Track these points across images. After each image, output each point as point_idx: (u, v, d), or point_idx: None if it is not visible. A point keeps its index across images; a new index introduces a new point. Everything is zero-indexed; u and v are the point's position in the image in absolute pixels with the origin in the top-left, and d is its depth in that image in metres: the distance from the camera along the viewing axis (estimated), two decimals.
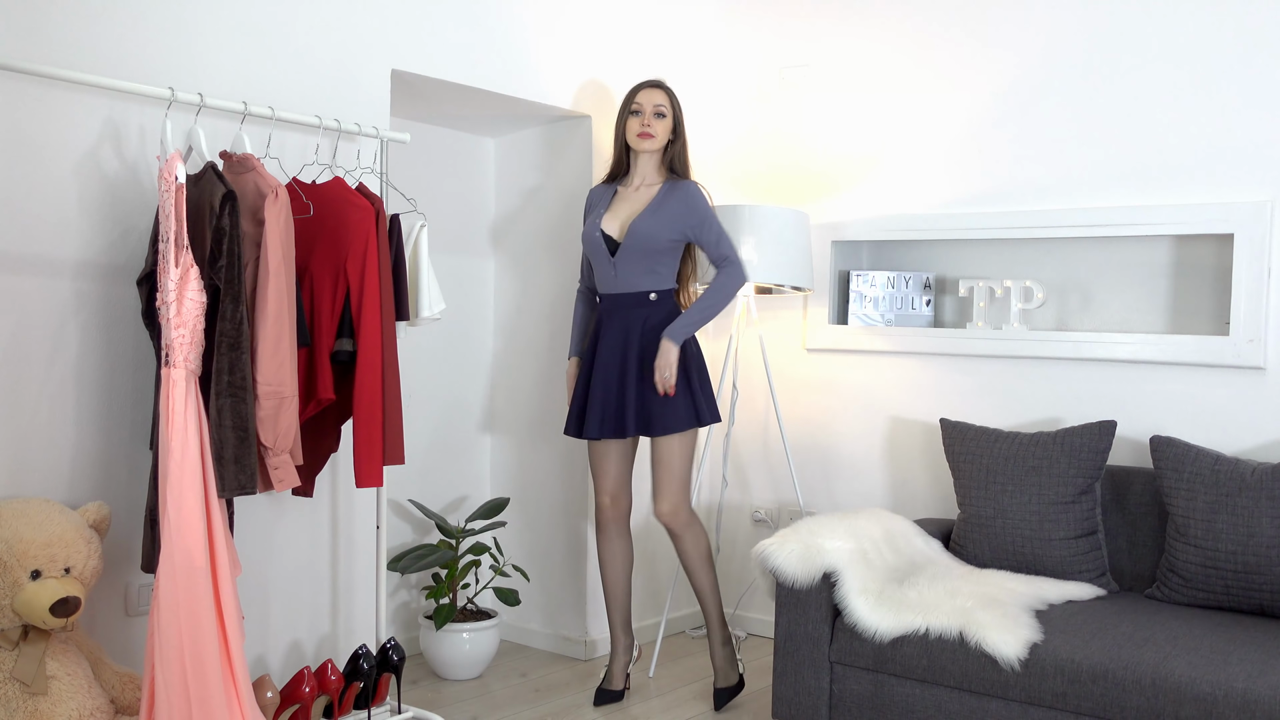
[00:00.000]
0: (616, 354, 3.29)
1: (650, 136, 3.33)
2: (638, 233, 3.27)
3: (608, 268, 3.32)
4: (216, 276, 2.45)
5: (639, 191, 3.38)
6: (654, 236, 3.27)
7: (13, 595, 2.27)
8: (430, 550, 3.62)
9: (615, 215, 3.35)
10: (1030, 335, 3.55)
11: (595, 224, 3.34)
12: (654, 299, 3.32)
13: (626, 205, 3.35)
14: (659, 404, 3.25)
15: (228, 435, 2.43)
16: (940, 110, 3.80)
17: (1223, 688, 2.38)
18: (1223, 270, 3.31)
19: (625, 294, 3.31)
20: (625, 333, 3.29)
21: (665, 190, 3.34)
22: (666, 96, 3.37)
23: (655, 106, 3.34)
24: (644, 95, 3.37)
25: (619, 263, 3.30)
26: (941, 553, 3.25)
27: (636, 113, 3.35)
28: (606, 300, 3.35)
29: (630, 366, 3.27)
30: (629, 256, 3.29)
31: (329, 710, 2.85)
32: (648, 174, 3.40)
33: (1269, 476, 2.87)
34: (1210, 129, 3.29)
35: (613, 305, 3.33)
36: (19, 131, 2.49)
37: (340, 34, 3.12)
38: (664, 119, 3.35)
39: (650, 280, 3.32)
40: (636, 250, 3.28)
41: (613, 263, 3.31)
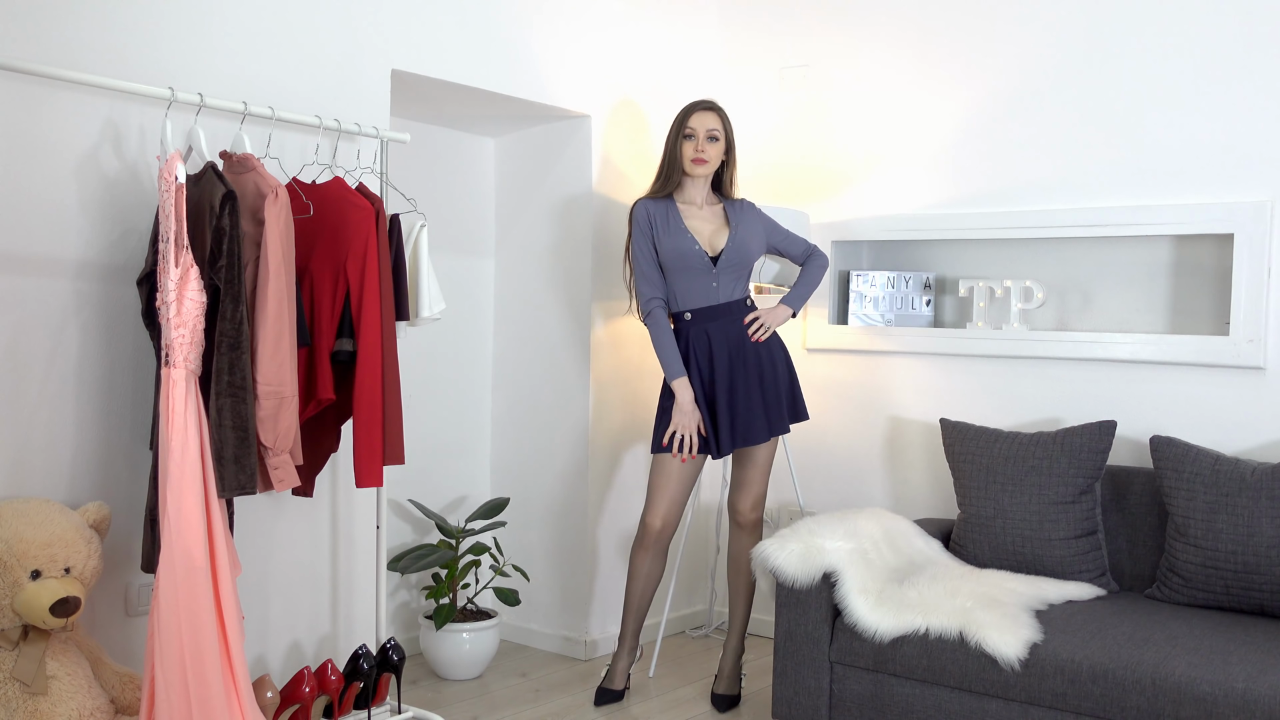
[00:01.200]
0: (734, 361, 3.33)
1: (704, 162, 3.35)
2: (742, 247, 3.35)
3: (707, 281, 3.34)
4: (216, 276, 2.45)
5: (704, 210, 3.42)
6: (752, 250, 3.38)
7: (13, 595, 2.27)
8: (430, 550, 3.62)
9: (697, 231, 3.38)
10: (1030, 335, 3.55)
11: (688, 238, 3.35)
12: (749, 304, 3.40)
13: (702, 222, 3.40)
14: (776, 405, 3.35)
15: (228, 435, 2.43)
16: (940, 110, 3.80)
17: (1223, 688, 2.38)
18: (1223, 270, 3.30)
19: (727, 304, 3.35)
20: (738, 340, 3.34)
21: (733, 208, 3.44)
22: (719, 120, 3.37)
23: (709, 131, 3.35)
24: (697, 119, 3.35)
25: (721, 275, 3.34)
26: (941, 553, 3.25)
27: (690, 137, 3.35)
28: (702, 313, 3.35)
29: (751, 371, 3.33)
30: (731, 269, 3.35)
31: (329, 710, 2.85)
32: (705, 193, 3.44)
33: (1269, 476, 2.87)
34: (1210, 129, 3.29)
35: (712, 315, 3.35)
36: (19, 131, 2.49)
37: (340, 34, 3.12)
38: (717, 143, 3.37)
39: (743, 288, 3.41)
40: (739, 263, 3.36)
41: (714, 274, 3.33)
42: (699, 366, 3.34)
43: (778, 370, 3.38)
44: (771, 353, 3.38)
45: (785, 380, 3.40)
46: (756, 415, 3.31)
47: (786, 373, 3.41)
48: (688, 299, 3.35)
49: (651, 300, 3.37)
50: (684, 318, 3.38)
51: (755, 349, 3.34)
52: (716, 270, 3.33)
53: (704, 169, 3.36)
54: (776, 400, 3.36)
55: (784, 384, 3.39)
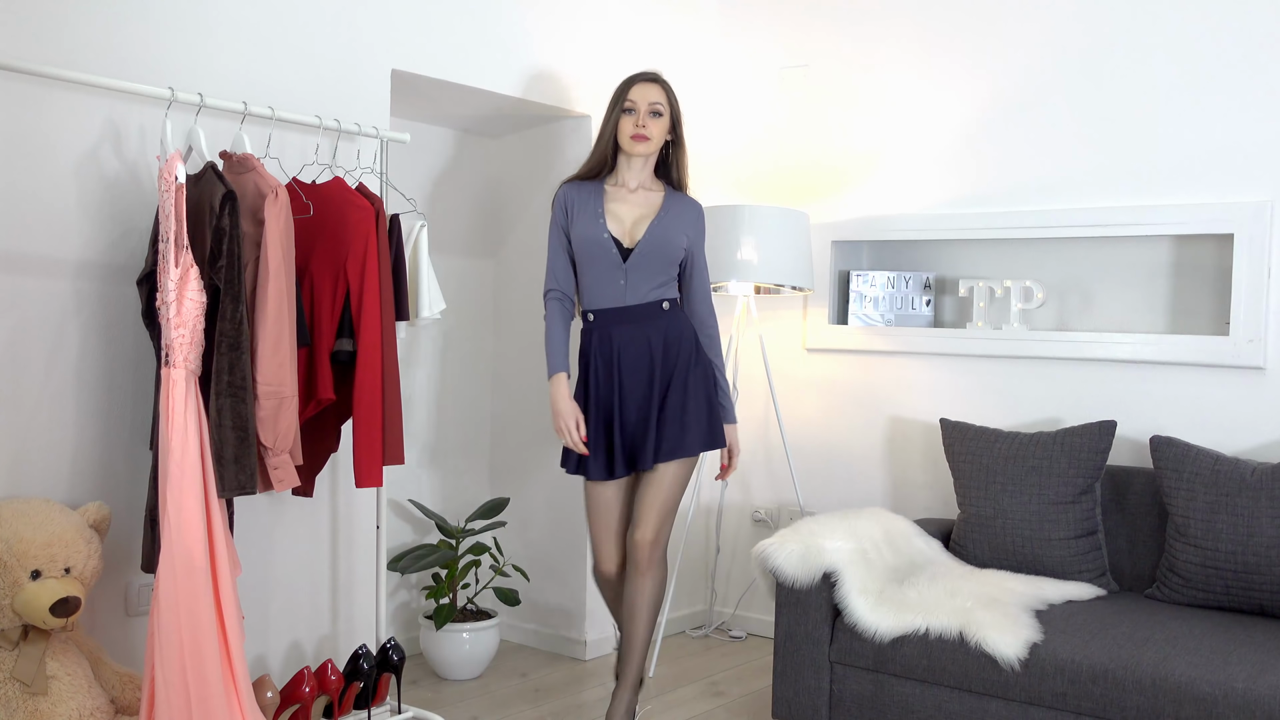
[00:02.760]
0: (642, 376, 2.92)
1: (645, 139, 2.92)
2: (657, 238, 2.90)
3: (614, 276, 2.90)
4: (216, 276, 2.45)
5: (638, 194, 2.98)
6: (673, 243, 2.92)
7: (13, 595, 2.27)
8: (430, 550, 3.62)
9: (616, 218, 2.94)
10: (1030, 335, 3.55)
11: (599, 225, 2.91)
12: (667, 308, 2.95)
13: (629, 208, 2.96)
14: (675, 426, 2.91)
15: (228, 435, 2.43)
16: (940, 110, 3.80)
17: (1223, 688, 2.38)
18: (1223, 270, 3.30)
19: (637, 306, 2.92)
20: (646, 351, 2.92)
21: (671, 198, 3.00)
22: (664, 92, 2.95)
23: (651, 105, 2.93)
24: (638, 91, 2.94)
25: (631, 270, 2.90)
26: (941, 553, 3.25)
27: (630, 111, 2.93)
28: (609, 315, 2.93)
29: (656, 389, 2.92)
30: (644, 264, 2.90)
31: (329, 710, 2.85)
32: (644, 178, 3.01)
33: (1269, 476, 2.87)
34: (1210, 129, 3.29)
35: (619, 319, 2.92)
36: (19, 131, 2.49)
37: (340, 34, 3.12)
38: (660, 118, 2.94)
39: (663, 290, 2.95)
40: (655, 257, 2.91)
41: (624, 270, 2.89)
42: (597, 376, 2.94)
43: (688, 388, 2.94)
44: (686, 369, 2.95)
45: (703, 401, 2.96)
46: (648, 438, 2.90)
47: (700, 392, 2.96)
48: (593, 296, 2.94)
49: (550, 291, 3.00)
50: (587, 318, 2.97)
51: (667, 363, 2.92)
52: (626, 266, 2.89)
53: (645, 147, 2.92)
54: (680, 422, 2.91)
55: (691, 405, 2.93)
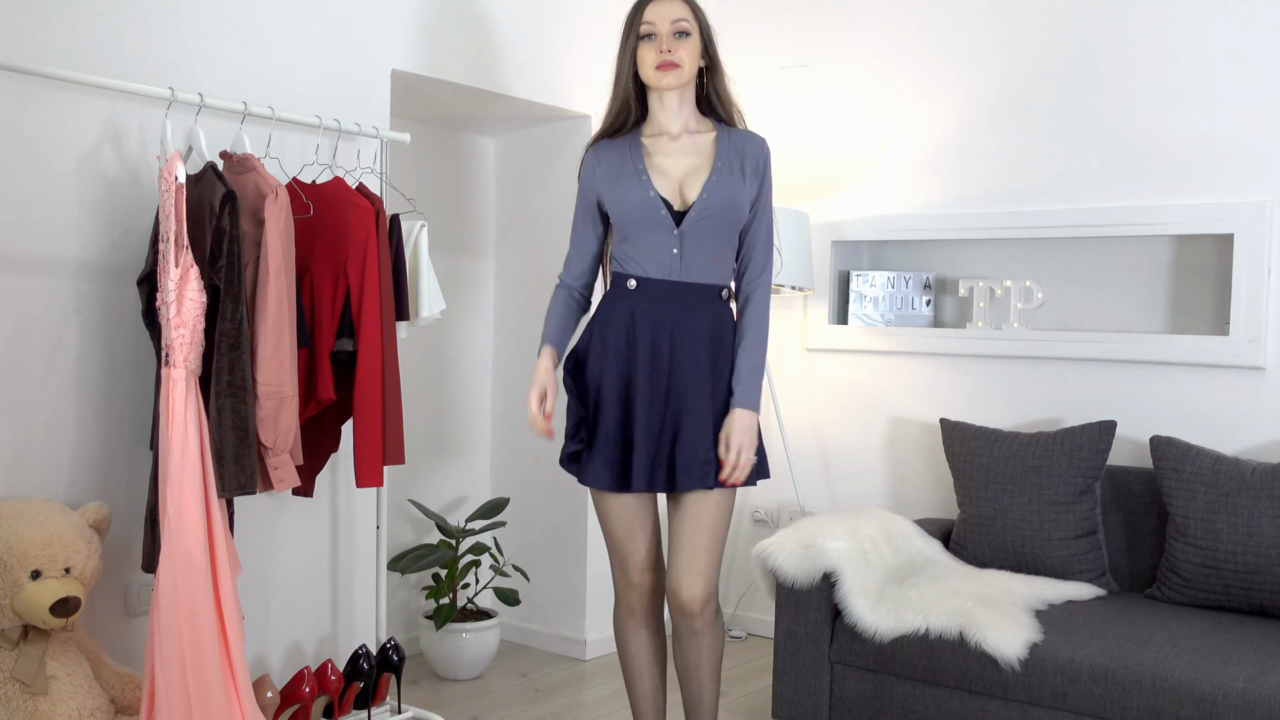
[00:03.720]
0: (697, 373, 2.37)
1: (674, 66, 2.34)
2: (717, 197, 2.33)
3: (666, 244, 2.34)
4: (216, 276, 2.45)
5: (684, 141, 2.41)
6: (736, 202, 2.35)
7: (13, 595, 2.27)
8: (430, 550, 3.62)
9: (662, 174, 2.38)
10: (1030, 335, 3.55)
11: (643, 182, 2.35)
12: (724, 296, 2.42)
13: (675, 160, 2.39)
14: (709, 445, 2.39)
15: (228, 435, 2.43)
16: (940, 110, 3.80)
17: (1223, 688, 2.38)
18: (1223, 270, 3.30)
19: (691, 285, 2.36)
20: (705, 343, 2.37)
21: (726, 138, 2.42)
22: (687, 7, 2.38)
23: (674, 23, 2.35)
24: (655, 10, 2.36)
25: (686, 238, 2.34)
26: (941, 553, 3.25)
27: (649, 36, 2.36)
28: (660, 288, 2.36)
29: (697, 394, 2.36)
30: (701, 230, 2.34)
31: (329, 710, 2.85)
32: (686, 117, 2.43)
33: (1269, 476, 2.87)
34: (1210, 129, 3.29)
35: (672, 296, 2.35)
36: (19, 131, 2.49)
37: (340, 34, 3.12)
38: (688, 39, 2.36)
39: (720, 268, 2.39)
40: (714, 221, 2.34)
41: (677, 237, 2.34)
42: (626, 356, 2.36)
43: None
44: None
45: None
46: (700, 451, 2.35)
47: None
48: (640, 262, 2.37)
49: (560, 285, 2.55)
50: (625, 283, 2.39)
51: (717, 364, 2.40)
52: (681, 230, 2.34)
53: (675, 76, 2.35)
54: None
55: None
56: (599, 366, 2.40)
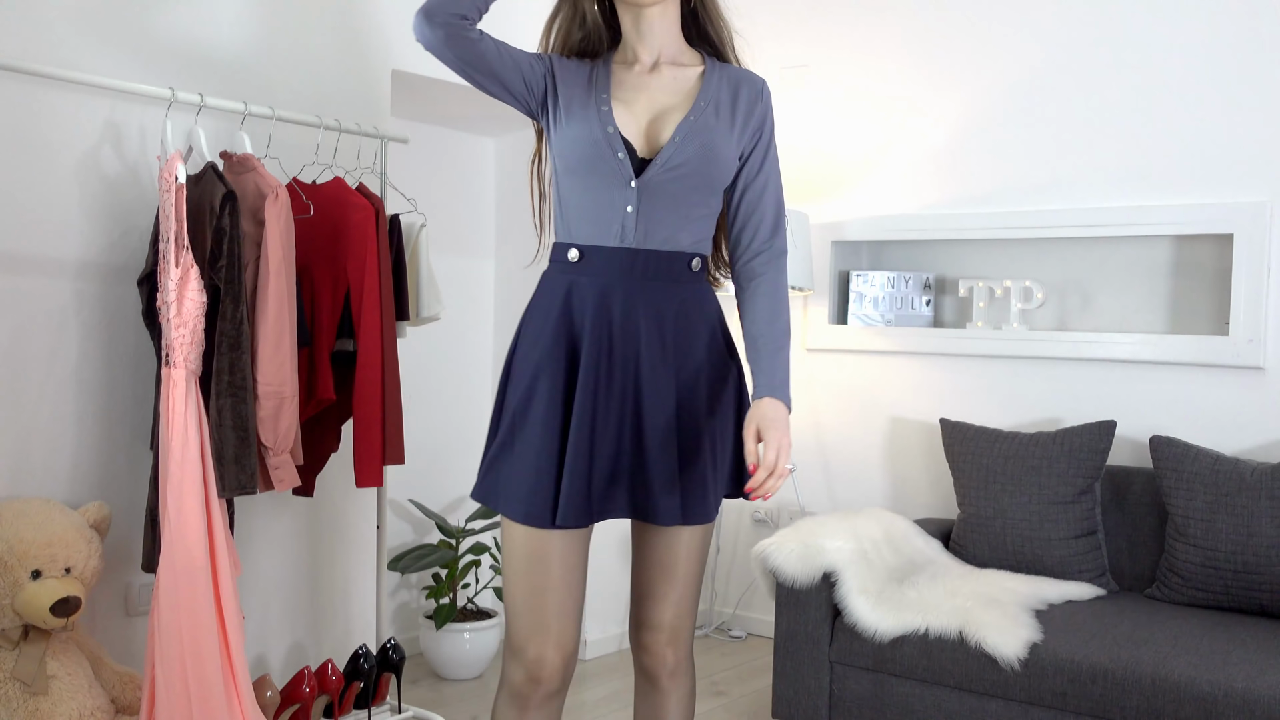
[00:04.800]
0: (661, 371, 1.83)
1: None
2: (696, 141, 1.82)
3: (618, 200, 1.81)
4: (217, 276, 2.45)
5: (662, 74, 1.89)
6: (718, 154, 1.84)
7: (13, 595, 2.27)
8: (430, 550, 3.62)
9: (627, 108, 1.85)
10: (1030, 335, 3.55)
11: (601, 115, 1.83)
12: (696, 268, 1.88)
13: (648, 96, 1.87)
14: (699, 469, 1.84)
15: (228, 435, 2.43)
16: (940, 110, 3.80)
17: (1223, 688, 2.38)
18: (1222, 270, 3.31)
19: (650, 254, 1.83)
20: (657, 331, 1.83)
21: (716, 74, 1.91)
22: None
23: None
24: None
25: (645, 194, 1.81)
26: (941, 553, 3.25)
27: None
28: (607, 258, 1.82)
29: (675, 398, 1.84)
30: (669, 185, 1.81)
31: (329, 710, 2.85)
32: (667, 44, 1.91)
33: (1269, 476, 2.87)
34: (1210, 129, 3.29)
35: (625, 270, 1.82)
36: (19, 131, 2.49)
37: (340, 34, 3.12)
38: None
39: (690, 234, 1.86)
40: (688, 173, 1.81)
41: (633, 192, 1.81)
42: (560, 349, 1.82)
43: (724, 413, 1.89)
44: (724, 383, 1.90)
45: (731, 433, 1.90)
46: (666, 477, 1.81)
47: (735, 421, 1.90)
48: (583, 225, 1.83)
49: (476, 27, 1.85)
50: (566, 255, 1.85)
51: (699, 361, 1.86)
52: (641, 183, 1.80)
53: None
54: (702, 465, 1.84)
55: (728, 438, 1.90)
56: (529, 364, 1.83)
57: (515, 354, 1.88)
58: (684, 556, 1.89)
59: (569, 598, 1.81)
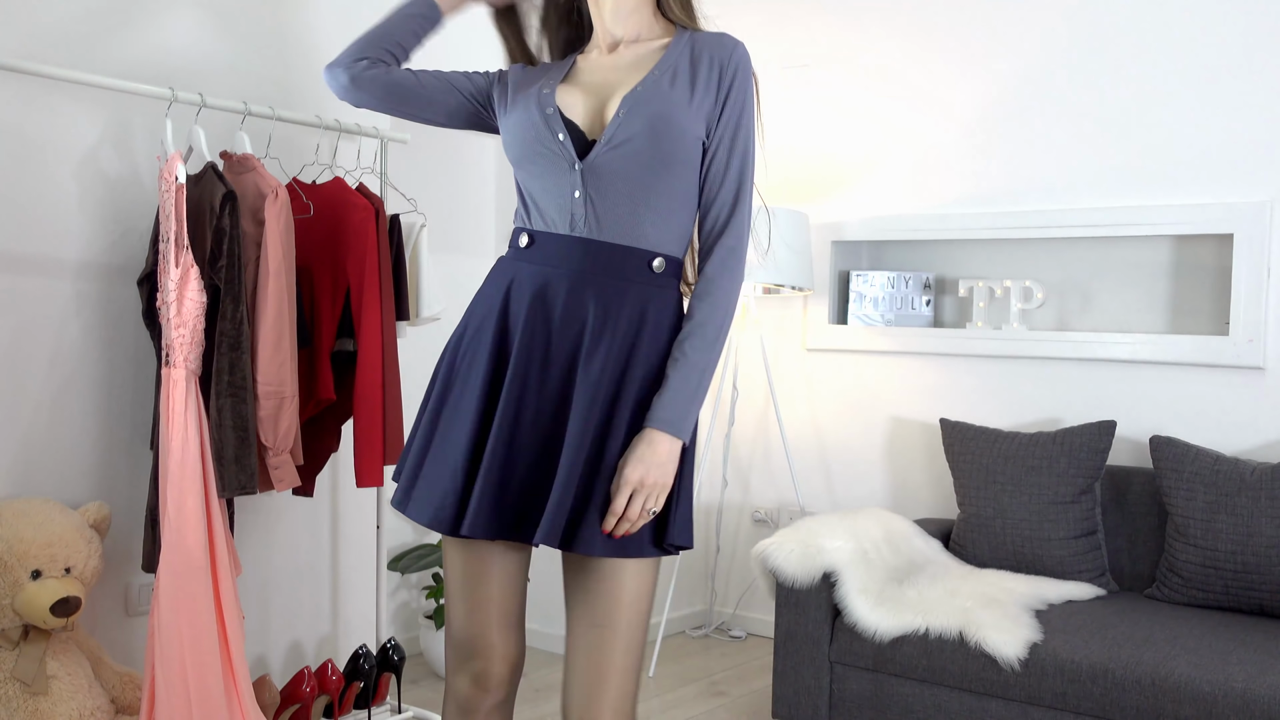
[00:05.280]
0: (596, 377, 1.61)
1: None
2: (643, 111, 1.63)
3: (566, 185, 1.66)
4: (217, 276, 2.45)
5: (621, 53, 1.75)
6: (674, 122, 1.64)
7: (13, 595, 2.27)
8: (430, 550, 3.62)
9: (577, 89, 1.72)
10: (1030, 335, 3.55)
11: (541, 98, 1.70)
12: (658, 268, 1.67)
13: (602, 76, 1.73)
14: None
15: (228, 435, 2.43)
16: (940, 110, 3.80)
17: (1222, 688, 2.38)
18: (1222, 270, 3.31)
19: (602, 245, 1.64)
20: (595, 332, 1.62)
21: (680, 42, 1.74)
22: None
23: None
24: None
25: (592, 176, 1.64)
26: (941, 553, 3.25)
27: None
28: (558, 246, 1.65)
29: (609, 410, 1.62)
30: (617, 165, 1.63)
31: (329, 710, 2.85)
32: (627, 25, 1.76)
33: (1269, 476, 2.87)
34: (1210, 129, 3.29)
35: (564, 266, 1.64)
36: (19, 131, 2.49)
37: (340, 34, 3.11)
38: None
39: (653, 225, 1.66)
40: (636, 150, 1.63)
41: (578, 175, 1.65)
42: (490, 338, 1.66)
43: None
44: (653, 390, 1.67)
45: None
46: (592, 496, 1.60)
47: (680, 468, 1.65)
48: (538, 213, 1.69)
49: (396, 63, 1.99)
50: (518, 239, 1.71)
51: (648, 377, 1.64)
52: (585, 165, 1.64)
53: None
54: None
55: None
56: (459, 351, 1.70)
57: (449, 344, 1.73)
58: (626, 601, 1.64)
59: (511, 610, 1.72)
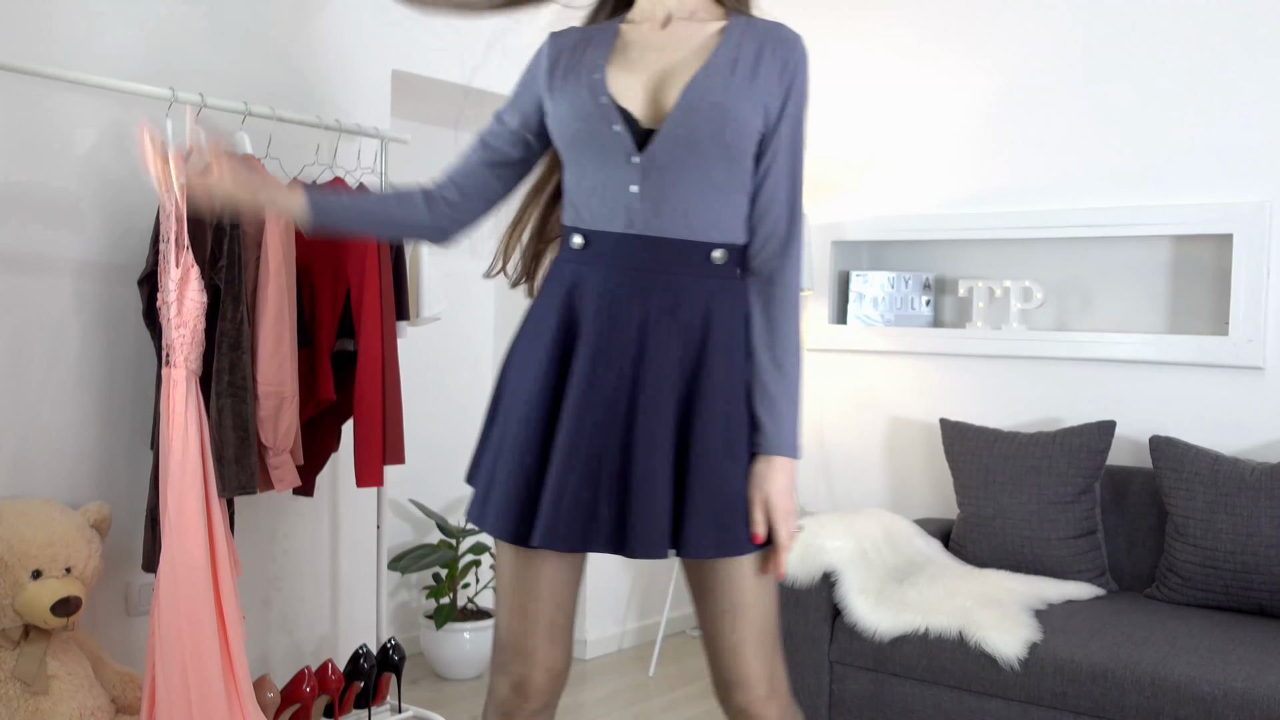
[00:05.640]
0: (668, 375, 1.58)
1: None
2: (707, 101, 1.55)
3: (622, 179, 1.59)
4: (217, 276, 2.46)
5: (674, 31, 1.65)
6: (736, 115, 1.56)
7: (14, 595, 2.27)
8: (430, 550, 3.63)
9: (626, 73, 1.62)
10: (1030, 335, 3.55)
11: (593, 84, 1.60)
12: (719, 259, 1.61)
13: (653, 56, 1.63)
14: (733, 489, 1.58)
15: (228, 435, 2.44)
16: (940, 110, 3.80)
17: (1222, 688, 2.38)
18: (1222, 270, 3.31)
19: (662, 242, 1.58)
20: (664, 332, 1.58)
21: (740, 28, 1.65)
22: None
23: None
24: None
25: (651, 169, 1.57)
26: (941, 552, 3.25)
27: None
28: (615, 245, 1.60)
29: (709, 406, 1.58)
30: (678, 156, 1.56)
31: (329, 710, 2.85)
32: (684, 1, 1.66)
33: (1268, 476, 2.87)
34: (1210, 129, 3.29)
35: (625, 266, 1.59)
36: (20, 132, 2.49)
37: (340, 34, 3.12)
38: None
39: (711, 216, 1.59)
40: (698, 139, 1.55)
41: (637, 169, 1.58)
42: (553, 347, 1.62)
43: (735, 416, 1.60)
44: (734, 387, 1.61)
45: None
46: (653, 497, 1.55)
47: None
48: (591, 205, 1.62)
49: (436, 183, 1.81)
50: (571, 241, 1.65)
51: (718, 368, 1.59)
52: (645, 157, 1.57)
53: None
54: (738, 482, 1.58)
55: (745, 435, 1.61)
56: (522, 362, 1.65)
57: (510, 352, 1.70)
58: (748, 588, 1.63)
59: (558, 619, 1.64)
